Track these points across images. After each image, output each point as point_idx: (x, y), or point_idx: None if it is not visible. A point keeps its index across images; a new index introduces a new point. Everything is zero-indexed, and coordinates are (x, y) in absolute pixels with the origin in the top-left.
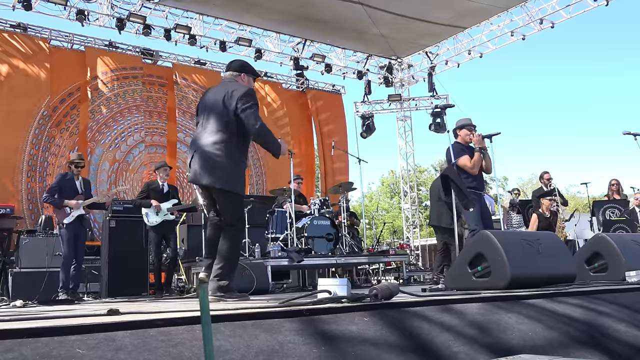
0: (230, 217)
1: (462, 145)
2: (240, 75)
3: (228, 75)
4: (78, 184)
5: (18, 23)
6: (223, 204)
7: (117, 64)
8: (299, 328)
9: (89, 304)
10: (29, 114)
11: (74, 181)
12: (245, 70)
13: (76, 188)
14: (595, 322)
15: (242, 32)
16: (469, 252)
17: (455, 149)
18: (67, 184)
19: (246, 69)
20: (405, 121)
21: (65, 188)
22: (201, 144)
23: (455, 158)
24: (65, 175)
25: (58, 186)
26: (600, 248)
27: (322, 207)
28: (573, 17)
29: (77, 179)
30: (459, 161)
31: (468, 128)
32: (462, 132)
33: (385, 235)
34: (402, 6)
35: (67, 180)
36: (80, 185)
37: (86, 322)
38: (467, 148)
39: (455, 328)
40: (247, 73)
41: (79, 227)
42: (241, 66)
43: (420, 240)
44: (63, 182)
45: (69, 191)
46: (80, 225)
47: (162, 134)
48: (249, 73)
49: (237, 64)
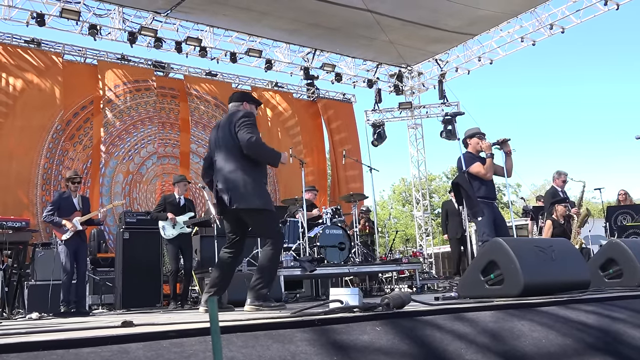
0: (267, 234)
1: (473, 154)
2: (242, 104)
3: (231, 106)
4: (76, 201)
5: (32, 38)
6: (257, 223)
7: (130, 76)
8: (311, 338)
9: (103, 316)
10: (42, 128)
11: (71, 199)
12: (246, 99)
13: (74, 205)
14: (610, 328)
15: (252, 43)
16: (481, 259)
17: (466, 157)
18: (65, 201)
19: (247, 97)
20: (416, 129)
21: (63, 206)
22: (223, 173)
23: (467, 166)
24: (63, 194)
25: (56, 205)
26: (615, 254)
27: (334, 216)
28: (583, 22)
29: (74, 196)
30: (472, 168)
31: (478, 137)
32: (473, 141)
33: (398, 243)
34: (411, 13)
35: (64, 198)
36: (79, 202)
37: (100, 335)
38: (477, 157)
39: (467, 336)
40: (248, 101)
41: (78, 242)
42: (242, 95)
43: (433, 248)
44: (60, 200)
45: (67, 208)
46: (80, 240)
47: (174, 145)
48: (250, 101)
49: (237, 95)
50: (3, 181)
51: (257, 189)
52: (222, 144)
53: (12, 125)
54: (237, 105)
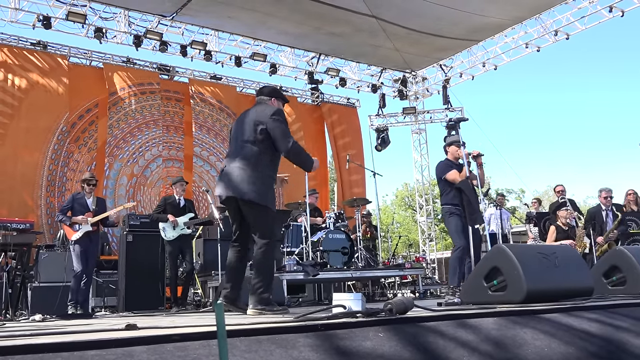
0: (261, 230)
1: (450, 162)
2: (271, 100)
3: (259, 99)
4: (90, 202)
5: (38, 41)
6: (253, 217)
7: (135, 79)
8: (314, 344)
9: (106, 318)
10: (48, 130)
11: (85, 199)
12: (276, 95)
13: (87, 206)
14: (613, 337)
15: (257, 47)
16: (484, 265)
17: (442, 165)
18: (78, 202)
19: (277, 93)
20: (420, 134)
21: (76, 207)
22: (233, 161)
23: (442, 174)
24: (77, 194)
25: (69, 205)
26: (618, 261)
27: (337, 221)
28: (588, 29)
29: (88, 197)
30: (447, 176)
31: (456, 145)
32: (451, 149)
33: (401, 248)
34: (415, 21)
35: (77, 199)
36: (92, 203)
37: (105, 337)
38: (455, 164)
39: (470, 344)
40: (277, 98)
41: (88, 243)
42: (272, 91)
43: (436, 253)
44: (74, 200)
45: (80, 209)
46: (89, 241)
47: (178, 148)
48: (279, 98)
49: (268, 89)
50: (8, 182)
51: (264, 184)
52: (241, 133)
53: (17, 126)
54: (265, 100)
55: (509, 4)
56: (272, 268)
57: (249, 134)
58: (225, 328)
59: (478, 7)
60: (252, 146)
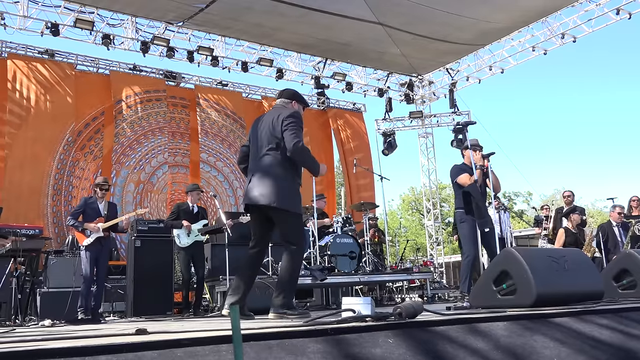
0: (292, 238)
1: (464, 166)
2: (292, 103)
3: (279, 102)
4: (101, 207)
5: (46, 49)
6: (282, 223)
7: (141, 87)
8: (324, 350)
9: (115, 323)
10: (54, 139)
11: (96, 204)
12: (296, 99)
13: (99, 210)
14: (625, 344)
15: (263, 52)
16: (493, 269)
17: (455, 168)
18: (90, 206)
19: (297, 97)
20: (427, 138)
21: (87, 211)
22: (260, 169)
23: (454, 177)
24: (89, 199)
25: (81, 209)
26: (628, 265)
27: (345, 225)
28: (595, 31)
29: (100, 202)
30: (459, 179)
31: (473, 148)
32: (467, 153)
33: (409, 252)
34: (422, 27)
35: (89, 203)
36: (104, 208)
37: (115, 342)
38: (468, 168)
39: (480, 350)
40: (297, 101)
41: (99, 248)
42: (293, 95)
43: (444, 257)
44: (86, 205)
45: (91, 214)
46: (101, 246)
47: (184, 154)
48: (300, 102)
49: (289, 92)
50: (15, 191)
51: (292, 190)
52: (264, 137)
53: (24, 136)
54: (285, 103)
55: (516, 10)
56: (297, 274)
57: (271, 137)
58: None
59: (485, 14)
60: (275, 151)
